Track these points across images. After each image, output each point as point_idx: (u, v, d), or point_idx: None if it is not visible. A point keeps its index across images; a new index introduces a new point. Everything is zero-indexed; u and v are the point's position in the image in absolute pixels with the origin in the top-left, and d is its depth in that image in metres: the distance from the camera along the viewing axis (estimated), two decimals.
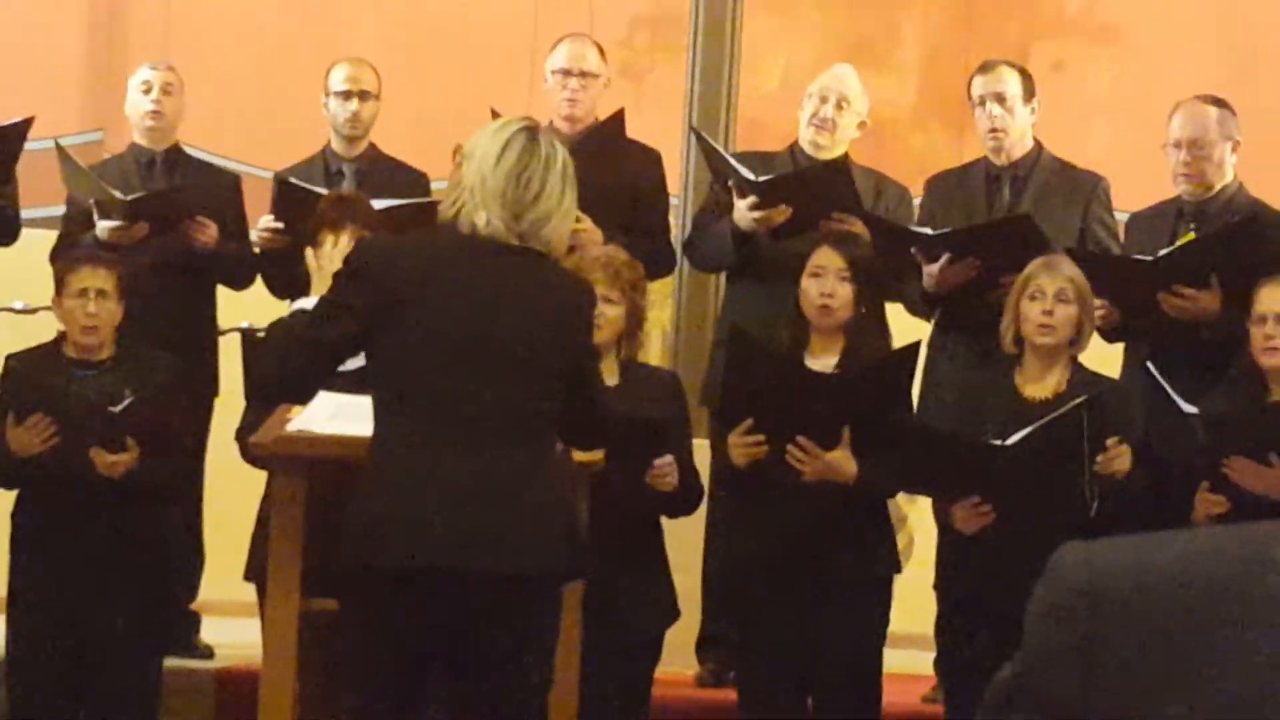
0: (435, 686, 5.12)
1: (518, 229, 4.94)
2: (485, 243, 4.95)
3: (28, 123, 7.47)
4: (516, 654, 4.95)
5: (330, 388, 5.53)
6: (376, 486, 4.92)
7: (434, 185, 7.66)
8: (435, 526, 4.84)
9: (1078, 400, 6.07)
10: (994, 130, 7.38)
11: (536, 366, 4.96)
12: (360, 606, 5.05)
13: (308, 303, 5.85)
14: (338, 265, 5.40)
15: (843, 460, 6.13)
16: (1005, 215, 7.22)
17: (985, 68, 7.49)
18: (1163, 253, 6.83)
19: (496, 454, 4.89)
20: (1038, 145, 7.46)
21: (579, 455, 5.53)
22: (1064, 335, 6.26)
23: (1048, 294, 6.25)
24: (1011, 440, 6.03)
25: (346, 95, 7.88)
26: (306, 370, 5.15)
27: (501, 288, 4.95)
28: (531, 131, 5.04)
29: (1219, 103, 7.17)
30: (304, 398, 5.35)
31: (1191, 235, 6.97)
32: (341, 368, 5.61)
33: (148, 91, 7.88)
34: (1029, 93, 7.43)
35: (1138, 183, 7.67)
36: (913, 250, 6.95)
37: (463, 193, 4.99)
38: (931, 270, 6.92)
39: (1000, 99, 7.38)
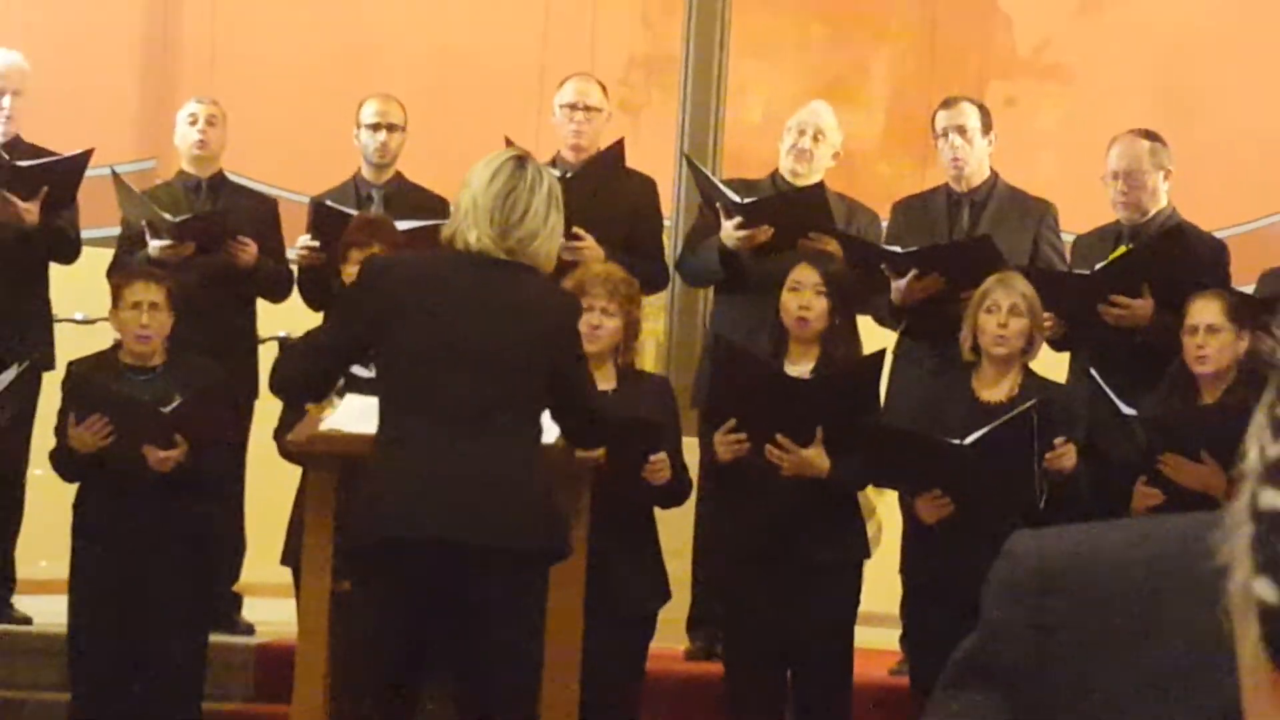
0: (438, 659, 5.13)
1: (505, 245, 4.99)
2: (477, 258, 4.99)
3: (88, 154, 7.47)
4: (503, 624, 4.95)
5: (356, 391, 5.56)
6: (375, 472, 4.98)
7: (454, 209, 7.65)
8: (425, 505, 4.88)
9: (1029, 403, 6.06)
10: (955, 159, 7.38)
11: (522, 367, 5.00)
12: (361, 579, 5.08)
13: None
14: None
15: (817, 456, 6.12)
16: (968, 237, 7.22)
17: (948, 103, 7.49)
18: (1099, 265, 6.84)
19: (482, 442, 4.93)
20: (994, 174, 7.46)
21: (580, 452, 5.52)
22: (1017, 345, 6.25)
23: (1003, 307, 6.25)
24: (969, 439, 6.02)
25: (376, 127, 7.87)
26: (322, 369, 5.28)
27: (491, 298, 5.00)
28: (520, 160, 5.08)
29: (1151, 135, 7.17)
30: (321, 394, 5.43)
31: (1125, 249, 6.98)
32: (366, 374, 5.66)
33: (194, 123, 7.87)
34: (987, 126, 7.43)
35: (1081, 208, 7.66)
36: (882, 266, 6.94)
37: (459, 215, 5.05)
38: (899, 285, 6.92)
39: (961, 131, 7.37)
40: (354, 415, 5.53)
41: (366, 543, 4.99)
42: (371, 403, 5.44)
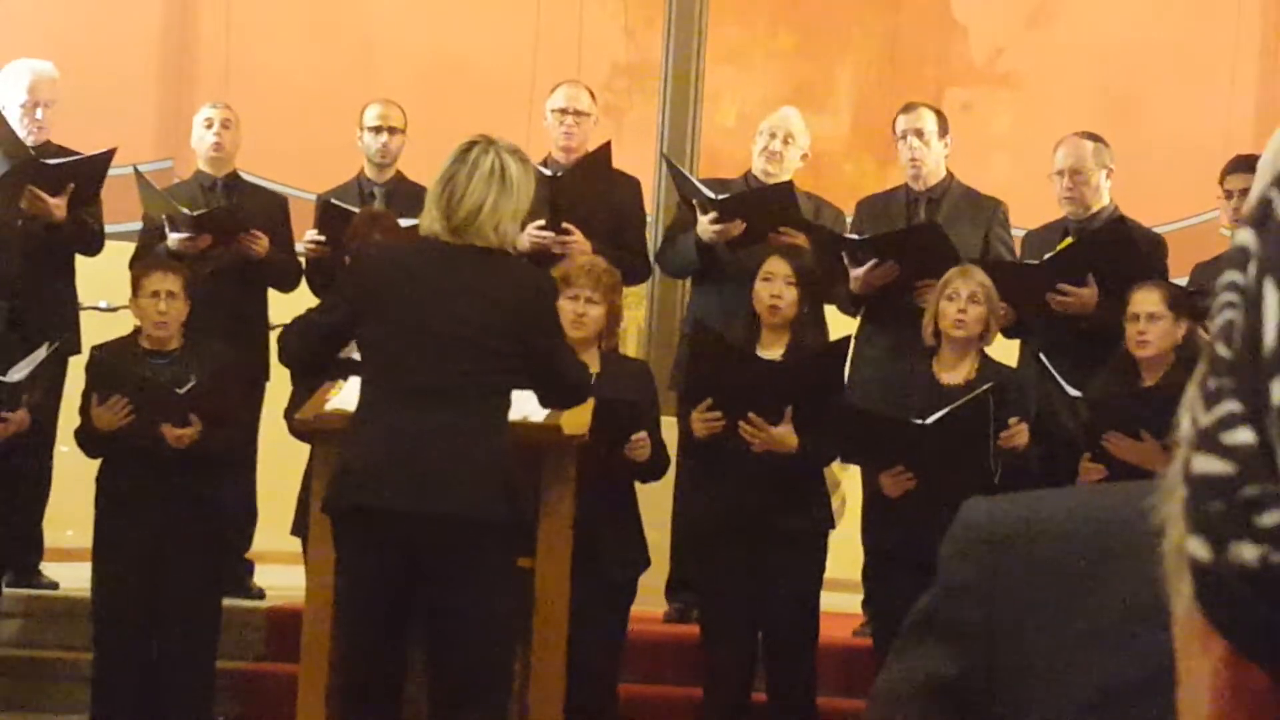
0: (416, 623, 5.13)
1: (451, 226, 4.99)
2: (446, 245, 5.00)
3: (111, 153, 7.44)
4: (461, 591, 4.94)
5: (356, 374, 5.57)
6: (347, 443, 5.01)
7: None
8: (386, 475, 4.89)
9: (986, 386, 6.07)
10: (914, 160, 7.37)
11: (486, 346, 4.99)
12: (335, 544, 5.10)
13: None
14: None
15: (786, 434, 6.12)
16: (917, 224, 7.23)
17: (907, 108, 7.50)
18: (1047, 257, 6.85)
19: (446, 418, 4.94)
20: (949, 174, 7.46)
21: (567, 429, 5.51)
22: (975, 331, 6.26)
23: (962, 295, 6.26)
24: (930, 419, 6.03)
25: (378, 130, 7.86)
26: (316, 347, 5.38)
27: (458, 281, 5.02)
28: (471, 144, 5.07)
29: (1094, 137, 7.20)
30: (318, 366, 5.50)
31: (1070, 240, 6.99)
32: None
33: (210, 126, 7.85)
34: (943, 130, 7.43)
35: (1032, 205, 7.67)
36: (842, 256, 6.94)
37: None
38: (857, 274, 6.91)
39: (919, 134, 7.37)
40: (357, 396, 5.53)
41: (336, 509, 5.02)
42: None
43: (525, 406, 5.28)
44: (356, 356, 5.53)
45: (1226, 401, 0.74)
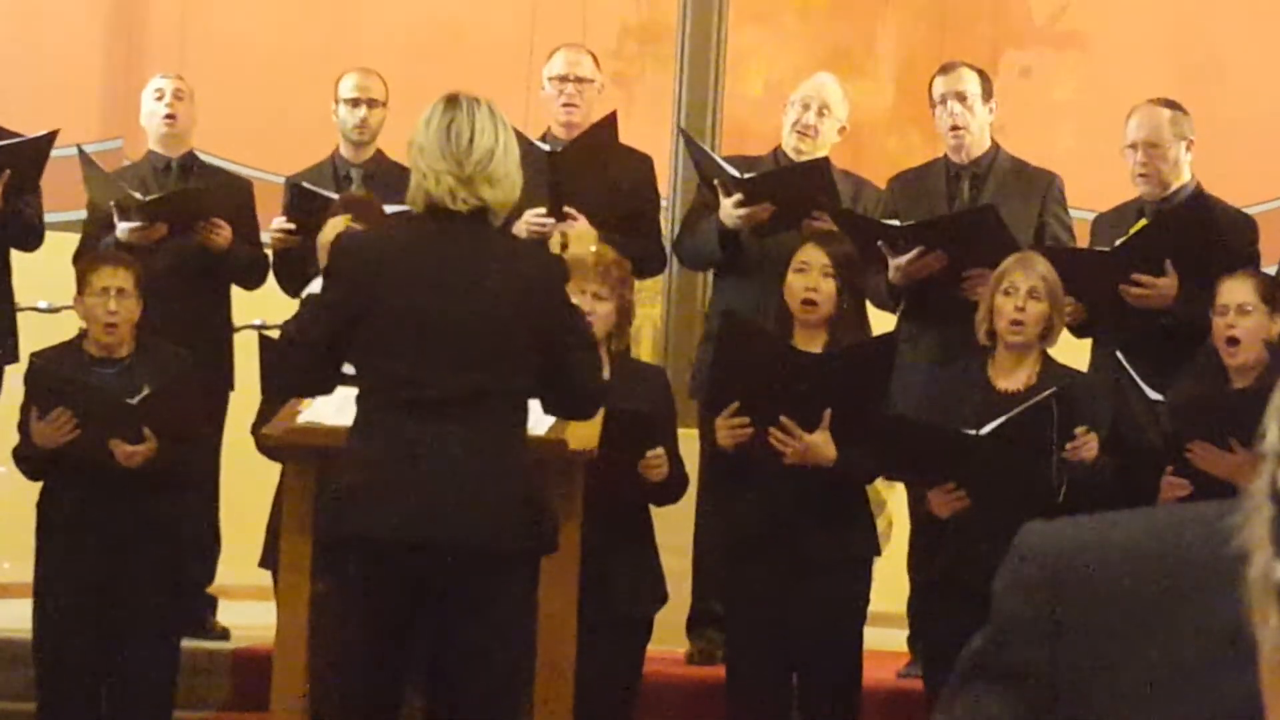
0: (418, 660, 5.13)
1: (464, 175, 4.99)
2: (447, 223, 4.99)
3: (52, 135, 7.43)
4: (475, 625, 4.95)
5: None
6: (348, 464, 4.99)
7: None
8: (399, 501, 4.89)
9: (1048, 392, 6.06)
10: (955, 128, 7.31)
11: (503, 348, 4.99)
12: (332, 577, 5.10)
13: (316, 286, 5.92)
14: None
15: (823, 443, 6.09)
16: (971, 207, 7.18)
17: (946, 69, 7.45)
18: (1119, 242, 6.82)
19: (460, 434, 4.93)
20: (995, 145, 7.41)
21: (573, 444, 5.51)
22: (1035, 331, 6.23)
23: (1021, 290, 6.23)
24: (985, 430, 6.02)
25: (355, 103, 7.86)
26: (310, 369, 5.25)
27: (466, 271, 5.02)
28: (450, 97, 5.12)
29: (1171, 105, 7.14)
30: (320, 391, 5.42)
31: (1144, 222, 6.95)
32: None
33: (160, 98, 7.86)
34: (987, 93, 7.38)
35: (1100, 183, 7.66)
36: (879, 243, 6.90)
37: (416, 174, 5.09)
38: (898, 263, 6.87)
39: (961, 98, 7.32)
40: (333, 407, 5.53)
41: (338, 539, 5.02)
42: (350, 393, 5.45)
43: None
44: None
45: None
